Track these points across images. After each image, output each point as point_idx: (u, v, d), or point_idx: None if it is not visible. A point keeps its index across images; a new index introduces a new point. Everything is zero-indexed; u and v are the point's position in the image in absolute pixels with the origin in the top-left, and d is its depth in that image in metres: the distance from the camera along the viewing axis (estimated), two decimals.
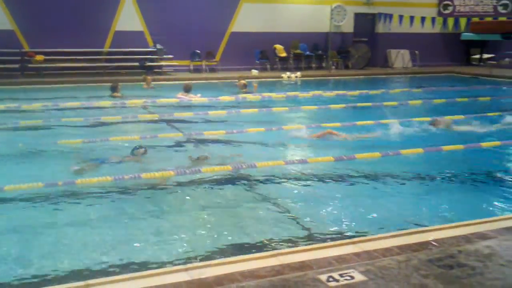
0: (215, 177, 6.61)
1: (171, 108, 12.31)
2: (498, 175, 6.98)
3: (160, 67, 19.43)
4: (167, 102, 13.09)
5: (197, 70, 20.33)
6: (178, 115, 11.25)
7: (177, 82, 17.08)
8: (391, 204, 5.77)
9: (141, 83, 16.23)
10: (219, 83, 17.87)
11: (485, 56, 21.49)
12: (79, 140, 8.49)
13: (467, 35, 3.88)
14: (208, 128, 9.81)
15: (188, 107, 12.56)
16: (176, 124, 10.36)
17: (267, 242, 4.63)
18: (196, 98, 13.49)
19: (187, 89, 13.83)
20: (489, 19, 21.53)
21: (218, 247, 4.56)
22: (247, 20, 20.97)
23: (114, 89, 13.91)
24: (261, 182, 6.53)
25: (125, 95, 13.83)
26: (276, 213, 5.47)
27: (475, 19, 21.72)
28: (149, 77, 16.05)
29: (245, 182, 6.51)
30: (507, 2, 22.32)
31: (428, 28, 22.87)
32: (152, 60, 19.22)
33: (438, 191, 6.33)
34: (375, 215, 5.37)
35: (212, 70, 20.53)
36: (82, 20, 18.30)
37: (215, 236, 4.84)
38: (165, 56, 19.30)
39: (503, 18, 21.16)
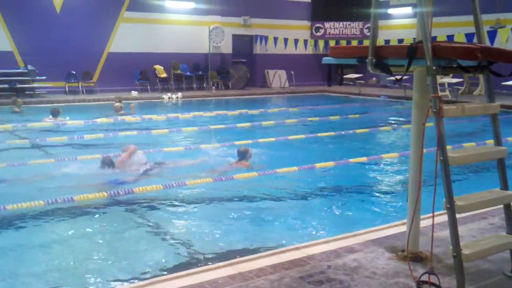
0: (89, 203, 6.35)
1: (44, 133, 11.68)
2: (365, 189, 7.45)
3: (32, 89, 18.40)
4: (40, 126, 12.41)
5: (73, 91, 19.53)
6: (51, 139, 10.72)
7: (50, 104, 16.25)
8: (266, 223, 5.91)
9: (10, 106, 15.26)
10: (97, 105, 17.29)
11: (354, 76, 22.96)
12: None
13: (327, 59, 4.14)
14: (83, 152, 9.42)
15: (62, 131, 11.99)
16: (48, 149, 9.86)
17: (143, 270, 4.52)
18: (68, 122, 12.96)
19: (55, 113, 13.16)
20: (355, 42, 23.09)
21: (91, 278, 4.38)
22: (125, 40, 20.60)
23: None
24: (139, 207, 6.37)
25: None
26: (153, 239, 5.38)
27: (343, 42, 23.20)
28: (19, 100, 15.10)
29: (121, 208, 6.32)
30: None
31: (301, 50, 23.98)
32: (23, 82, 18.12)
33: (310, 207, 6.61)
34: (251, 234, 5.47)
35: (89, 91, 19.80)
36: None
37: (87, 267, 4.64)
38: (37, 78, 18.29)
39: (367, 41, 22.77)
